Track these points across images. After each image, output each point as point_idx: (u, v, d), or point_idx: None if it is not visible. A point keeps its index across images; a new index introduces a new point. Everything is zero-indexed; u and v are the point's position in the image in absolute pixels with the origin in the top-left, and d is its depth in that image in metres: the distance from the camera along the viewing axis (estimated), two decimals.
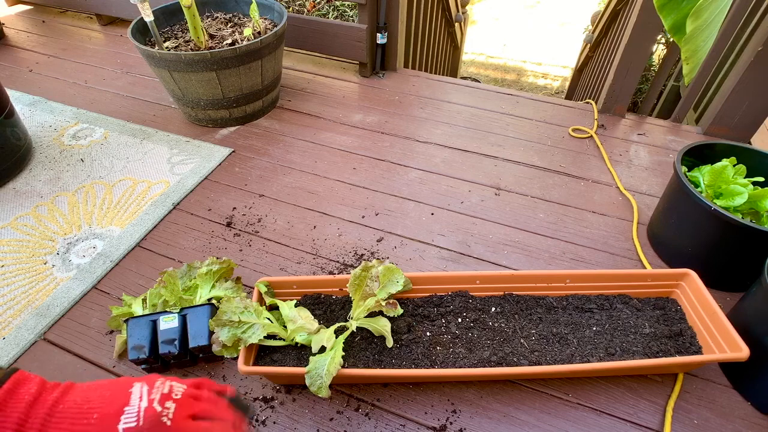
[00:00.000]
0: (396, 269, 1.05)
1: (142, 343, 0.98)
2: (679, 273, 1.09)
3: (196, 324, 1.00)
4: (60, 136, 1.74)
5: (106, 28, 2.49)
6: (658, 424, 0.96)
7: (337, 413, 0.98)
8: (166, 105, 1.92)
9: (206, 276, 1.10)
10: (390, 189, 1.54)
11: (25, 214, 1.42)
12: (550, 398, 1.00)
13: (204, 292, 1.09)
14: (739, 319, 0.99)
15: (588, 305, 1.09)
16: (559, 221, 1.42)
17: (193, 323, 1.00)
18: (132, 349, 0.97)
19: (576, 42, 5.40)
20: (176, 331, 0.99)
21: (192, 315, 1.02)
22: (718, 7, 0.81)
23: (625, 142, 1.76)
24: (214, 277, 1.11)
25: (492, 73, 5.62)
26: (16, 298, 1.19)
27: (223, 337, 0.93)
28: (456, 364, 0.97)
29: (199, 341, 0.98)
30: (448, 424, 0.96)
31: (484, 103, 1.97)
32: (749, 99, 1.61)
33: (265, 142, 1.73)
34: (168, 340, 0.98)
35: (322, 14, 3.03)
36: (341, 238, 1.36)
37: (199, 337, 0.99)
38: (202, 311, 1.02)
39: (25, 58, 2.22)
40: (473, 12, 6.64)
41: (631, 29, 1.65)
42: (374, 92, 2.03)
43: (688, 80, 0.94)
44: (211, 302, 1.06)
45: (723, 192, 1.16)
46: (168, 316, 1.01)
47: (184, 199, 1.48)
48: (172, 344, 0.98)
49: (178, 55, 1.52)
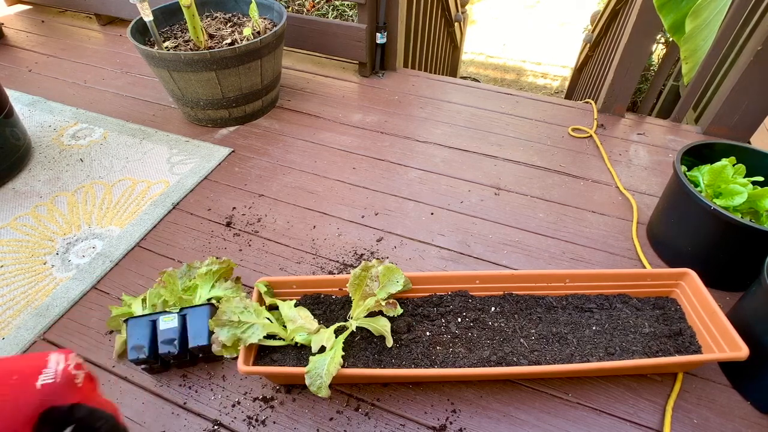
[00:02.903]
0: (396, 269, 1.05)
1: (142, 343, 0.97)
2: (678, 272, 1.09)
3: (196, 324, 1.00)
4: (59, 136, 1.73)
5: (105, 27, 2.49)
6: (658, 423, 0.96)
7: (337, 413, 0.98)
8: (165, 105, 1.92)
9: (206, 276, 1.10)
10: (390, 189, 1.54)
11: (25, 214, 1.42)
12: (549, 398, 1.00)
13: (204, 292, 1.09)
14: (739, 318, 0.99)
15: (588, 305, 1.09)
16: (559, 221, 1.42)
17: (192, 323, 1.00)
18: (132, 349, 0.97)
19: (576, 42, 5.40)
20: (176, 331, 0.99)
21: (192, 315, 1.02)
22: (718, 6, 0.81)
23: (625, 141, 1.76)
24: (214, 277, 1.11)
25: (492, 73, 5.61)
26: (16, 298, 1.19)
27: (223, 337, 0.93)
28: (456, 364, 0.97)
29: (199, 341, 0.98)
30: (447, 423, 0.96)
31: (484, 103, 1.97)
32: (749, 99, 1.61)
33: (264, 142, 1.73)
34: (167, 340, 0.98)
35: (322, 14, 3.03)
36: (341, 238, 1.36)
37: (199, 337, 0.99)
38: (201, 311, 1.02)
39: (24, 58, 2.22)
40: (473, 12, 6.64)
41: (631, 29, 1.65)
42: (374, 92, 2.03)
43: (688, 80, 0.94)
44: (210, 302, 1.06)
45: (722, 191, 1.16)
46: (168, 316, 1.00)
47: (183, 199, 1.48)
48: (172, 344, 0.98)
49: (177, 55, 1.52)
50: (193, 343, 0.98)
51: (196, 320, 1.01)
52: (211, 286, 1.10)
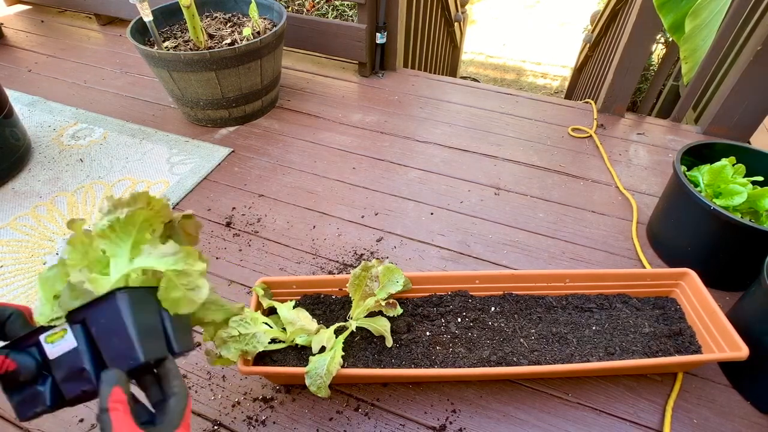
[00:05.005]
0: (396, 269, 1.05)
1: (34, 390, 0.50)
2: (678, 272, 1.09)
3: (113, 331, 0.51)
4: (59, 136, 1.73)
5: (105, 27, 2.49)
6: (658, 423, 0.96)
7: (337, 413, 0.98)
8: (165, 105, 1.92)
9: (116, 231, 0.57)
10: (389, 189, 1.54)
11: (24, 214, 1.42)
12: (549, 398, 1.00)
13: (120, 263, 0.56)
14: (739, 318, 0.99)
15: (587, 305, 1.09)
16: (559, 221, 1.42)
17: (104, 331, 0.51)
18: (20, 405, 0.50)
19: (575, 41, 5.40)
20: (79, 354, 0.50)
21: (97, 317, 0.51)
22: (717, 6, 0.81)
23: (625, 141, 1.76)
24: (134, 228, 0.58)
25: (491, 73, 5.62)
26: (16, 299, 1.19)
27: (229, 355, 0.83)
28: (456, 364, 0.97)
29: (126, 361, 0.50)
30: (447, 423, 0.96)
31: (484, 103, 1.97)
32: (748, 98, 1.61)
33: (264, 142, 1.73)
34: (71, 374, 0.50)
35: (322, 14, 3.03)
36: (341, 238, 1.36)
37: (125, 351, 0.50)
38: (111, 308, 0.51)
39: (23, 58, 2.22)
40: (473, 11, 6.64)
41: (631, 29, 1.65)
42: (374, 92, 2.03)
43: (687, 79, 0.94)
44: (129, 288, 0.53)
45: (722, 191, 1.16)
46: (53, 333, 0.51)
47: (183, 199, 1.48)
48: (81, 378, 0.50)
49: (177, 55, 1.52)
50: (122, 364, 0.49)
51: (111, 325, 0.51)
52: (133, 249, 0.58)
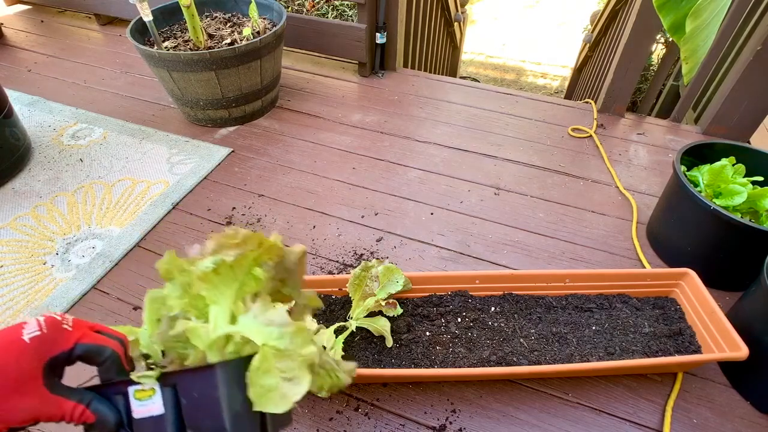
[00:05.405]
0: (396, 269, 1.05)
1: None
2: (678, 272, 1.09)
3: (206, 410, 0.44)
4: (59, 136, 1.73)
5: (104, 27, 2.49)
6: (658, 423, 0.96)
7: (337, 413, 0.98)
8: (165, 105, 1.92)
9: (220, 275, 0.49)
10: (389, 189, 1.54)
11: (24, 214, 1.42)
12: (549, 397, 1.00)
13: (221, 315, 0.48)
14: (738, 318, 0.99)
15: (587, 305, 1.09)
16: (559, 221, 1.42)
17: (196, 408, 0.44)
18: None
19: (575, 41, 5.40)
20: (164, 424, 0.44)
21: (190, 389, 0.45)
22: (718, 6, 0.81)
23: (625, 141, 1.76)
24: (242, 273, 0.50)
25: (491, 73, 5.62)
26: (15, 299, 1.19)
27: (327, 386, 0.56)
28: (455, 364, 0.97)
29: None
30: (447, 423, 0.96)
31: (484, 103, 1.97)
32: (748, 98, 1.61)
33: (264, 142, 1.73)
34: None
35: (322, 14, 3.03)
36: (341, 238, 1.36)
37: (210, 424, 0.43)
38: (207, 384, 0.44)
39: (23, 58, 2.22)
40: (472, 11, 6.64)
41: (631, 29, 1.65)
42: (373, 92, 2.03)
43: (688, 79, 0.94)
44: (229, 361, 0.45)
45: (722, 191, 1.16)
46: (143, 389, 0.45)
47: (183, 199, 1.48)
48: None
49: (177, 55, 1.52)
50: None
51: (204, 401, 0.44)
52: (236, 295, 0.49)
